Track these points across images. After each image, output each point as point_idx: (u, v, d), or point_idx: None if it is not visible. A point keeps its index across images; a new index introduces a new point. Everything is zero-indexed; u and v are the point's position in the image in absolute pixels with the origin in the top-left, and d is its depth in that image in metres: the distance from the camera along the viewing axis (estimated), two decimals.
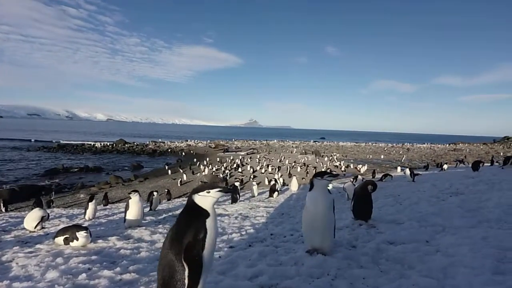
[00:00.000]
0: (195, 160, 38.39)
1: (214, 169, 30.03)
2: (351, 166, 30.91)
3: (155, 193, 10.03)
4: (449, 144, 74.54)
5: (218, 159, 39.38)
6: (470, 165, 13.64)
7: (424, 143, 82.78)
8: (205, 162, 34.88)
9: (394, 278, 2.67)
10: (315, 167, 28.74)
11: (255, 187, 12.83)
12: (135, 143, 63.89)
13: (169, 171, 29.78)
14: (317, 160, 35.86)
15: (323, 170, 23.32)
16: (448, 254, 3.02)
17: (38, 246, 4.70)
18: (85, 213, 8.89)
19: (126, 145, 60.37)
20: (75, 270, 3.42)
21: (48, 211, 10.42)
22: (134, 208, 6.24)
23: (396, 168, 26.27)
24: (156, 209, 10.00)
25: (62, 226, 7.32)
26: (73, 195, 21.30)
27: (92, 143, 59.45)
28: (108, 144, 60.02)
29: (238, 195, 10.71)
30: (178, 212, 9.20)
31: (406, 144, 78.18)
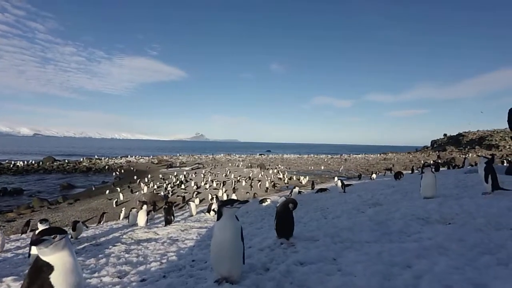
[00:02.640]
0: (135, 177, 36.12)
1: (155, 187, 28.60)
2: (294, 177, 32.18)
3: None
4: (380, 154, 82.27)
5: (160, 175, 37.67)
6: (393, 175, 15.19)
7: (360, 154, 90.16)
8: (146, 180, 33.04)
9: None
10: (259, 181, 29.21)
11: (193, 205, 12.50)
12: (66, 161, 57.74)
13: (107, 191, 27.48)
14: (262, 173, 36.54)
15: (268, 187, 23.70)
16: (346, 272, 3.18)
17: None
18: None
19: (56, 163, 54.17)
20: None
21: None
22: None
23: (333, 178, 28.13)
24: (78, 237, 9.08)
25: None
26: None
27: (13, 162, 52.05)
28: (33, 162, 53.17)
29: (172, 216, 10.29)
30: (103, 239, 8.51)
31: (344, 155, 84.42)
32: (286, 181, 29.46)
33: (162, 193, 25.19)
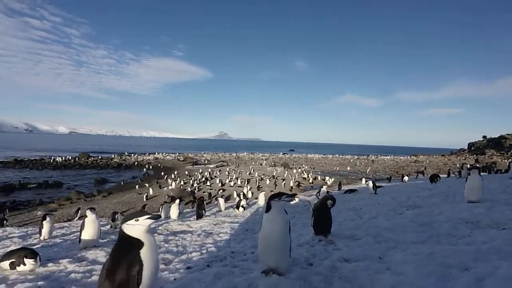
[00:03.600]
0: (162, 173, 37.30)
1: (182, 183, 29.35)
2: (319, 178, 31.73)
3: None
4: (410, 156, 78.85)
5: (186, 172, 38.59)
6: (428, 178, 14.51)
7: (388, 155, 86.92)
8: (173, 176, 33.99)
9: None
10: (283, 180, 29.09)
11: (222, 201, 12.70)
12: (100, 157, 60.78)
13: (137, 186, 28.61)
14: (286, 172, 36.35)
15: (293, 187, 23.65)
16: (397, 272, 3.11)
17: None
18: (40, 232, 8.28)
19: (90, 159, 57.21)
20: None
21: (0, 230, 9.57)
22: (90, 227, 5.90)
23: (361, 179, 27.40)
24: (117, 227, 9.54)
25: (13, 247, 6.75)
26: (30, 212, 19.74)
27: (53, 157, 55.63)
28: (70, 158, 56.49)
29: (203, 211, 10.52)
30: None
31: (371, 156, 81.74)
32: (311, 181, 29.11)
33: (188, 189, 25.82)
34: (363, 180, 24.55)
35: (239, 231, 7.45)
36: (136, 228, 2.08)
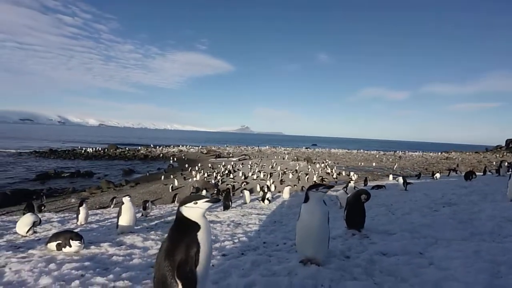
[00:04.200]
0: (186, 165, 38.17)
1: (206, 175, 29.89)
2: (343, 173, 31.13)
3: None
4: (441, 153, 75.24)
5: (209, 165, 39.23)
6: (463, 175, 13.82)
7: (416, 151, 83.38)
8: (196, 168, 34.70)
9: None
10: (307, 174, 28.85)
11: (247, 194, 12.81)
12: (127, 148, 63.22)
13: (162, 177, 29.52)
14: (309, 167, 36.01)
15: (316, 182, 23.45)
16: (441, 267, 3.04)
17: (30, 251, 4.61)
18: (77, 218, 8.77)
19: (118, 150, 59.68)
20: (68, 277, 3.37)
21: (39, 215, 10.23)
22: (126, 213, 6.18)
23: (388, 176, 26.60)
24: (148, 216, 9.91)
25: (53, 231, 7.21)
26: (64, 199, 21.01)
27: (84, 148, 58.62)
28: (100, 149, 59.24)
29: (230, 202, 10.67)
30: (170, 218, 9.15)
31: (398, 152, 78.78)
32: (334, 176, 28.64)
33: (212, 181, 26.28)
34: (390, 176, 23.78)
35: (267, 222, 7.50)
36: (194, 210, 2.15)
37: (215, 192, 22.39)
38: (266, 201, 11.69)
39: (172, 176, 29.33)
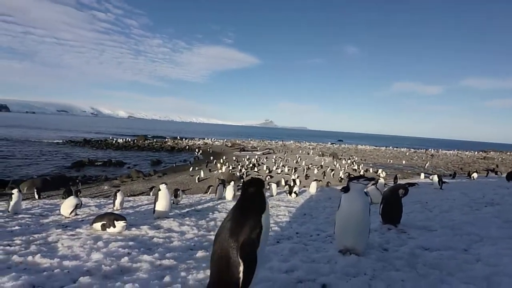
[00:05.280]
0: (211, 158, 38.84)
1: (230, 168, 30.27)
2: (371, 170, 30.29)
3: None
4: (478, 152, 70.85)
5: (234, 158, 39.66)
6: (504, 176, 13.05)
7: (451, 150, 78.97)
8: (221, 161, 35.23)
9: (434, 282, 2.63)
10: (332, 170, 28.39)
11: (274, 186, 12.86)
12: (155, 140, 65.39)
13: (191, 168, 30.29)
14: (335, 162, 35.36)
15: (353, 175, 23.05)
16: (490, 263, 2.94)
17: (78, 230, 4.97)
18: (113, 203, 9.25)
19: (146, 141, 61.86)
20: (116, 254, 3.60)
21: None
22: (163, 199, 6.45)
23: (419, 174, 25.55)
24: (178, 204, 10.24)
25: (91, 214, 7.69)
26: (98, 186, 22.21)
27: (115, 139, 61.40)
28: (129, 140, 61.78)
29: None
30: (200, 207, 9.42)
31: (430, 149, 74.94)
32: (362, 173, 27.96)
33: (237, 174, 26.59)
34: (422, 175, 22.81)
35: (297, 215, 7.51)
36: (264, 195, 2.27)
37: (241, 184, 22.71)
38: (293, 194, 11.68)
39: (197, 168, 30.03)
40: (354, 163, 35.88)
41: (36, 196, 15.26)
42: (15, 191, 9.13)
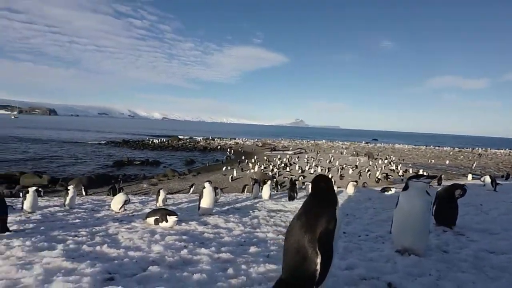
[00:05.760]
0: (243, 157, 39.24)
1: (262, 167, 30.39)
2: (410, 170, 28.80)
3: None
4: None
5: (265, 157, 39.74)
6: None
7: (501, 149, 72.34)
8: (253, 160, 35.47)
9: (506, 285, 2.48)
10: (368, 170, 27.42)
11: (310, 186, 12.72)
12: (188, 140, 67.54)
13: (224, 167, 30.90)
14: (370, 162, 34.11)
15: (380, 178, 22.10)
16: None
17: (133, 224, 5.31)
18: (156, 199, 9.71)
19: (180, 141, 64.14)
20: (174, 246, 3.80)
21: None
22: (208, 197, 6.66)
23: (465, 175, 23.85)
24: (217, 201, 10.50)
25: (136, 209, 8.16)
26: (137, 184, 23.41)
27: (151, 139, 64.40)
28: (164, 140, 64.46)
29: (295, 193, 10.72)
30: (238, 205, 9.59)
31: (477, 148, 69.32)
32: (400, 173, 26.68)
33: (269, 173, 26.63)
34: (469, 176, 21.24)
35: (339, 215, 7.34)
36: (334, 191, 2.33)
37: (274, 184, 22.71)
38: None
39: (229, 168, 30.55)
40: (391, 163, 34.33)
41: (84, 193, 16.45)
42: (70, 187, 9.93)
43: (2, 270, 2.74)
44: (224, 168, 30.50)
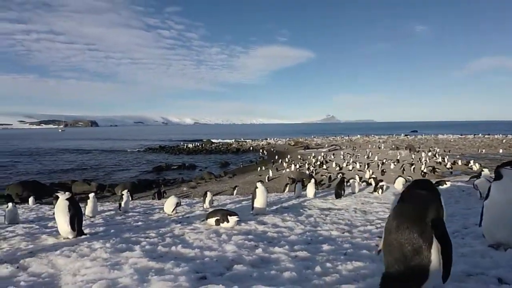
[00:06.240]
0: (276, 157, 39.10)
1: (297, 166, 30.04)
2: (459, 162, 26.82)
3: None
4: None
5: (299, 156, 39.29)
6: None
7: None
8: (287, 160, 35.21)
9: None
10: (412, 164, 25.99)
11: (356, 183, 12.30)
12: (221, 143, 68.83)
13: (258, 168, 31.04)
14: (413, 156, 32.33)
15: (426, 172, 20.85)
16: None
17: (194, 225, 5.44)
18: (204, 201, 9.94)
19: (213, 145, 65.62)
20: (246, 245, 3.82)
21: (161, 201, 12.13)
22: (261, 196, 6.67)
23: None
24: None
25: (185, 211, 8.38)
26: (177, 188, 24.26)
27: (185, 144, 66.58)
28: (198, 144, 66.36)
29: (342, 191, 10.40)
30: (285, 204, 9.48)
31: None
32: (449, 166, 24.92)
33: (307, 172, 26.26)
34: None
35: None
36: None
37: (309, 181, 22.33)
38: (379, 191, 10.98)
39: (264, 168, 30.59)
40: (437, 155, 32.22)
41: (130, 198, 17.42)
42: (124, 192, 10.50)
43: (96, 271, 2.92)
44: (259, 169, 30.61)
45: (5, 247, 4.21)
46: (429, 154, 33.21)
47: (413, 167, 24.88)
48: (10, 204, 7.66)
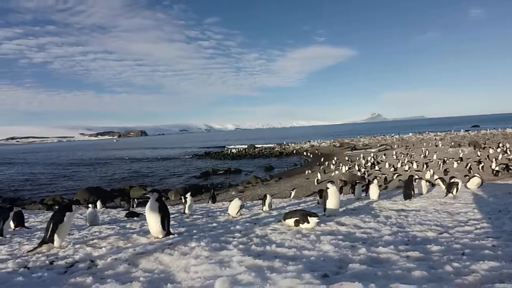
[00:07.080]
0: (322, 159, 38.14)
1: (347, 168, 28.95)
2: None
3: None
4: None
5: (346, 157, 37.87)
6: None
7: None
8: (333, 162, 34.12)
9: None
10: (479, 162, 23.51)
11: (424, 184, 11.44)
12: (263, 147, 69.27)
13: (306, 171, 30.57)
14: (479, 153, 29.24)
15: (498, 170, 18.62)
16: None
17: (273, 226, 5.42)
18: (263, 204, 9.95)
19: (256, 149, 66.28)
20: (341, 245, 3.70)
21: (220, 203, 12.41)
22: (334, 197, 6.48)
23: None
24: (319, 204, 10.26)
25: (246, 213, 8.42)
26: (226, 192, 24.82)
27: (229, 150, 68.26)
28: (241, 149, 67.54)
29: (412, 191, 9.72)
30: (350, 206, 9.12)
31: None
32: None
33: (358, 174, 25.21)
34: None
35: (486, 211, 6.27)
36: None
37: (366, 184, 21.34)
38: (454, 191, 10.03)
39: (309, 171, 30.01)
40: (508, 151, 28.76)
41: (183, 202, 18.28)
42: (188, 195, 10.99)
43: (207, 268, 3.00)
44: (306, 172, 30.11)
45: (106, 245, 4.51)
46: (498, 150, 29.83)
47: (481, 165, 22.51)
48: (90, 207, 8.44)
